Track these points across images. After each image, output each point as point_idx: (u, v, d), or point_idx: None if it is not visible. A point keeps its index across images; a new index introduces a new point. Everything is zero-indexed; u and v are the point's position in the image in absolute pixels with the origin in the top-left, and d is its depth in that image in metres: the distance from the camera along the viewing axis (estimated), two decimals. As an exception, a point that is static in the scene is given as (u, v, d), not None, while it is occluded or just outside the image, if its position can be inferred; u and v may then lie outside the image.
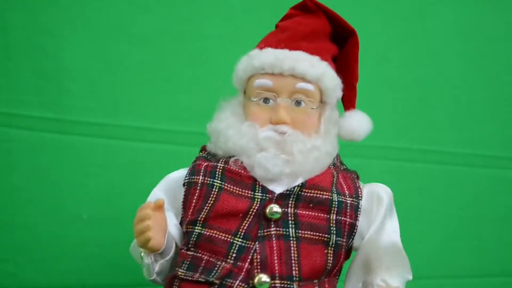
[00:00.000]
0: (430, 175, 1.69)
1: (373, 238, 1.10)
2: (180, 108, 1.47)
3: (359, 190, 1.13)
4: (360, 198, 1.11)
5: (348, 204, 1.10)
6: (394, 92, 1.66)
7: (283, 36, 1.14)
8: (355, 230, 1.10)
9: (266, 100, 1.11)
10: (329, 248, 1.08)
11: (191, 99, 1.49)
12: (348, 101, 1.19)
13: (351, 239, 1.11)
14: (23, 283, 1.36)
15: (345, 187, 1.12)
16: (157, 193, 1.14)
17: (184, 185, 1.12)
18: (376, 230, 1.11)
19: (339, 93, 1.16)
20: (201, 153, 1.16)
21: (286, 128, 1.09)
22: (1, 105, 1.37)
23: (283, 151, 1.08)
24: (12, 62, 1.38)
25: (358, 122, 1.17)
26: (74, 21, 1.42)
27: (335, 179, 1.11)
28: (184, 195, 1.11)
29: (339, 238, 1.08)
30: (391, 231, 1.12)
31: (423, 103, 1.69)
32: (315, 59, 1.12)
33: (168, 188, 1.14)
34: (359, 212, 1.11)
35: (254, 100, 1.12)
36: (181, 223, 1.13)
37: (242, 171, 1.09)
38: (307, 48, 1.12)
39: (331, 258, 1.08)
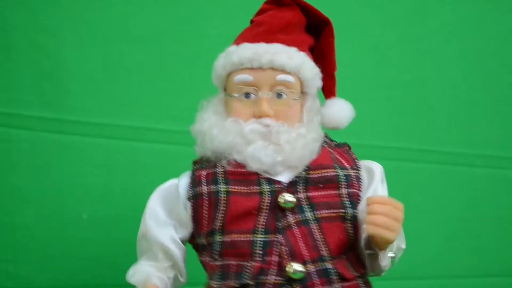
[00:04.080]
0: (430, 175, 1.69)
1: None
2: (180, 108, 1.47)
3: (356, 160, 1.14)
4: (360, 168, 1.13)
5: (353, 176, 1.11)
6: (394, 92, 1.66)
7: (259, 30, 1.15)
8: (359, 200, 1.11)
9: (247, 95, 1.12)
10: (347, 221, 1.08)
11: (191, 99, 1.47)
12: (328, 90, 1.19)
13: None
14: (23, 283, 1.36)
15: (343, 161, 1.13)
16: (154, 207, 1.13)
17: (189, 199, 1.11)
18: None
19: (318, 83, 1.17)
20: (195, 166, 1.15)
21: (269, 121, 1.10)
22: (1, 105, 1.37)
23: (270, 141, 1.09)
24: (12, 62, 1.38)
25: (339, 110, 1.17)
26: (74, 21, 1.42)
27: (333, 155, 1.13)
28: (193, 208, 1.10)
29: (354, 210, 1.09)
30: None
31: (423, 103, 1.69)
32: (293, 50, 1.13)
33: (163, 200, 1.13)
34: (361, 182, 1.12)
35: (236, 96, 1.12)
36: (193, 237, 1.13)
37: (243, 170, 1.09)
38: (284, 40, 1.13)
39: (352, 231, 1.09)
